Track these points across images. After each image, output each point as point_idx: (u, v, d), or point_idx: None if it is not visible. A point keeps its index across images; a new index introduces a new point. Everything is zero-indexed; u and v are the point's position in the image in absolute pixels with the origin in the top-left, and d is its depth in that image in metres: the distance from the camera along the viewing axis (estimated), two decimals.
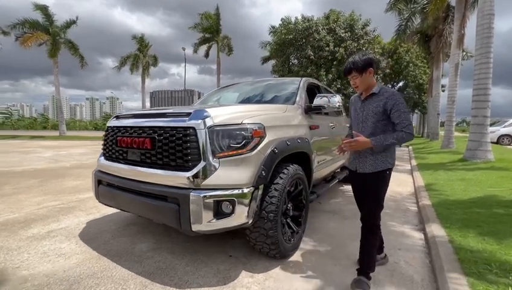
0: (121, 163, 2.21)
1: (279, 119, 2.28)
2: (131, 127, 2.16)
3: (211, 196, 1.72)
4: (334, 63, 18.39)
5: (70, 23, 21.46)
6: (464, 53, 18.68)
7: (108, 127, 2.43)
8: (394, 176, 6.16)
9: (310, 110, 2.92)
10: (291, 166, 2.22)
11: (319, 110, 2.91)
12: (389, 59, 22.54)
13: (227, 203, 1.76)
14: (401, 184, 5.39)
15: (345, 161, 4.74)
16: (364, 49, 18.96)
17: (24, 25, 19.67)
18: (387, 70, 22.22)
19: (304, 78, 3.37)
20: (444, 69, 18.71)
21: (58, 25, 20.88)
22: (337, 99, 2.84)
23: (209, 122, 1.81)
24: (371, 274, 1.80)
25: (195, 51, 24.74)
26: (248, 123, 1.88)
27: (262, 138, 1.92)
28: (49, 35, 20.49)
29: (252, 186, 1.81)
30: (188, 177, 1.76)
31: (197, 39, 23.88)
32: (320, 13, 20.71)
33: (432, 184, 4.79)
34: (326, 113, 3.74)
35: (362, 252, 1.83)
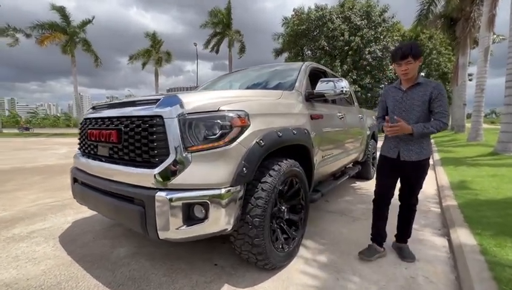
0: (91, 159, 1.97)
1: (270, 107, 1.93)
2: (102, 119, 1.91)
3: (178, 198, 1.43)
4: (350, 53, 17.52)
5: (86, 23, 22.01)
6: (495, 36, 17.11)
7: (83, 119, 2.20)
8: None
9: (312, 97, 2.54)
10: (284, 161, 1.88)
11: (322, 97, 2.52)
12: None
13: (200, 206, 1.46)
14: None
15: (357, 154, 4.31)
16: (382, 37, 17.94)
17: (43, 27, 20.37)
18: None
19: (306, 62, 2.98)
20: (471, 56, 17.28)
21: (75, 25, 21.43)
22: (343, 84, 2.45)
23: (179, 109, 1.51)
24: None
25: (206, 47, 24.60)
26: (226, 110, 1.55)
27: (244, 127, 1.59)
28: (67, 35, 21.11)
29: (230, 185, 1.49)
30: (154, 175, 1.47)
31: (208, 35, 23.71)
32: (335, 2, 19.69)
33: (458, 181, 4.25)
34: (334, 102, 3.35)
35: (402, 225, 2.13)
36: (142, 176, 1.53)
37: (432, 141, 13.45)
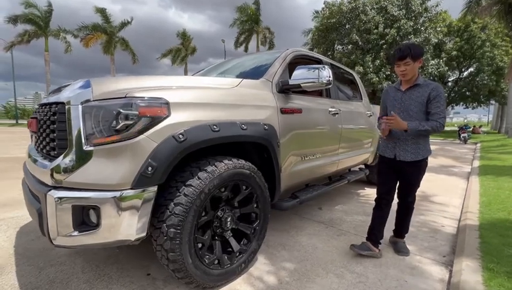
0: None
1: (211, 96, 1.62)
2: (39, 105, 1.78)
3: (68, 199, 1.21)
4: (384, 46, 16.10)
5: (125, 24, 23.47)
6: None
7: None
8: (443, 180, 4.93)
9: (288, 88, 2.16)
10: (225, 161, 1.56)
11: (299, 88, 2.13)
12: (457, 39, 18.85)
13: (93, 210, 1.23)
14: (448, 191, 4.13)
15: (366, 156, 3.77)
16: (423, 29, 16.16)
17: (87, 28, 22.18)
18: (454, 53, 18.65)
19: (291, 49, 2.59)
20: None
21: (114, 25, 22.99)
22: (325, 74, 2.04)
23: (85, 96, 1.29)
24: None
25: (236, 45, 24.65)
26: (134, 97, 1.29)
27: (157, 118, 1.31)
28: (107, 34, 22.73)
29: (131, 188, 1.23)
30: (50, 171, 1.28)
31: (237, 32, 23.70)
32: None
33: (491, 195, 3.48)
34: (328, 95, 2.91)
35: (399, 221, 2.15)
36: (43, 172, 1.35)
37: (478, 145, 11.79)
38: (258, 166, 1.96)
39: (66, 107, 1.30)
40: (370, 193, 3.94)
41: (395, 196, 2.08)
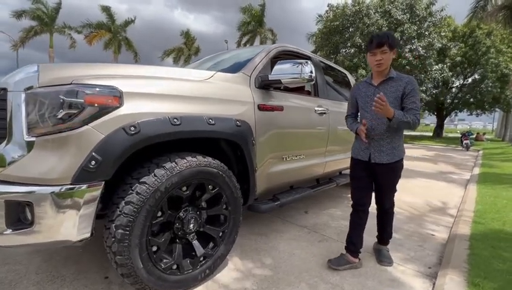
0: None
1: (175, 88, 1.50)
2: None
3: (0, 193, 1.10)
4: None
5: (128, 22, 23.56)
6: None
7: None
8: (441, 187, 4.75)
9: (268, 83, 2.04)
10: (187, 158, 1.44)
11: (280, 84, 2.01)
12: (462, 44, 18.62)
13: (28, 207, 1.12)
14: (444, 198, 3.96)
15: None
16: (427, 33, 16.00)
17: (91, 26, 22.30)
18: (458, 58, 18.42)
19: (275, 44, 2.47)
20: None
21: (118, 24, 23.09)
22: (307, 69, 1.92)
23: (30, 81, 1.18)
24: None
25: (238, 46, 24.58)
26: (80, 84, 1.17)
27: (108, 108, 1.20)
28: (111, 33, 22.83)
29: (71, 183, 1.12)
30: None
31: (239, 34, 23.63)
32: None
33: (487, 203, 3.32)
34: (316, 94, 2.78)
35: (382, 228, 2.01)
36: None
37: (480, 152, 11.55)
38: (235, 166, 1.85)
39: (8, 93, 1.20)
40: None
41: (373, 201, 1.94)
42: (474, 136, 16.56)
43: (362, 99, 1.84)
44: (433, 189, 4.58)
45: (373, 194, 1.93)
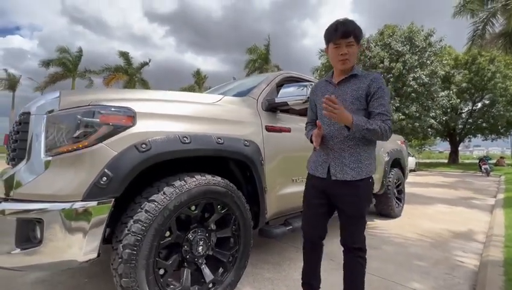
0: None
1: (185, 109, 1.56)
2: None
3: (13, 211, 1.11)
4: (391, 80, 16.31)
5: (143, 65, 25.49)
6: None
7: None
8: (464, 213, 4.48)
9: (275, 106, 2.10)
10: (196, 177, 1.44)
11: (286, 106, 2.06)
12: (466, 71, 18.91)
13: (37, 225, 1.12)
14: (468, 224, 3.70)
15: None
16: (429, 62, 16.44)
17: (110, 69, 24.21)
18: (464, 84, 18.57)
19: (281, 71, 2.59)
20: None
21: (135, 66, 24.99)
22: (305, 92, 1.97)
23: (51, 105, 1.27)
24: None
25: None
26: (96, 105, 1.25)
27: (121, 127, 1.25)
28: (128, 75, 24.60)
29: (82, 200, 1.13)
30: (4, 182, 1.21)
31: (247, 71, 24.99)
32: (374, 31, 19.14)
33: None
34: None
35: (346, 281, 1.39)
36: None
37: (502, 177, 10.97)
38: (245, 187, 1.83)
39: (31, 116, 1.28)
40: (379, 225, 3.58)
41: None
42: (493, 161, 15.91)
43: (320, 101, 1.39)
44: (456, 214, 4.31)
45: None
